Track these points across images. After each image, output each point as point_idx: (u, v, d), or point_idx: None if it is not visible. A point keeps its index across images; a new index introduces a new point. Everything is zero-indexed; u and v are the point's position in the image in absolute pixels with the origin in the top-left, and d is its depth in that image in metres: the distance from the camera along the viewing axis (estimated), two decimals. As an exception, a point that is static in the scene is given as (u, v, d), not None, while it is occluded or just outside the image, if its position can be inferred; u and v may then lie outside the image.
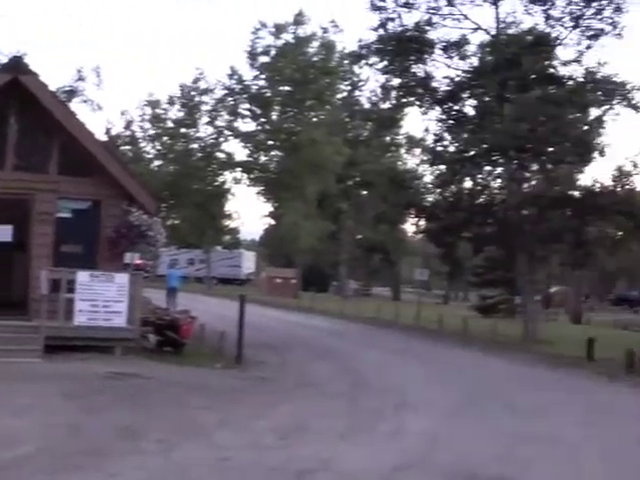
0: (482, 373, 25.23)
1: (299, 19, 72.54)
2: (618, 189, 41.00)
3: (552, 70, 38.05)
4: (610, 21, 36.43)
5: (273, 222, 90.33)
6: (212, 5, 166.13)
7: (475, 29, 39.11)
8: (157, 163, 75.08)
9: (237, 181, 75.09)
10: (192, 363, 21.39)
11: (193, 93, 73.26)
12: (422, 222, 55.12)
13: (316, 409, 16.15)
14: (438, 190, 46.00)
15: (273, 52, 72.40)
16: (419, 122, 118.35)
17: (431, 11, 38.93)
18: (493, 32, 38.81)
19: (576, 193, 39.82)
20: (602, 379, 24.82)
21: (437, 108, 40.44)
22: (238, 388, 18.36)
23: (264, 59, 72.81)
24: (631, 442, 14.77)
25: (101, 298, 20.75)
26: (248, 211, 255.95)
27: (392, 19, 38.92)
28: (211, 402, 15.75)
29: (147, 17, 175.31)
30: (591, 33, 36.69)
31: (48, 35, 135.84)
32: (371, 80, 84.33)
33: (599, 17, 36.66)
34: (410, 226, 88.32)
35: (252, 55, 72.81)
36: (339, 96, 78.88)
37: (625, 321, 55.60)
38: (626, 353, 26.67)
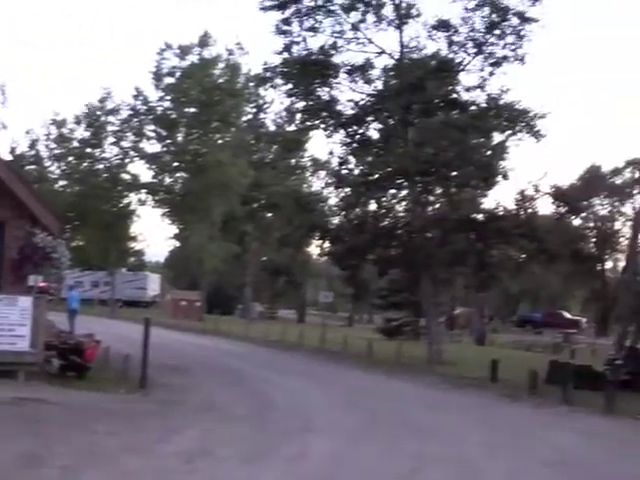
0: (386, 395, 25.43)
1: (204, 40, 72.53)
2: (521, 213, 41.76)
3: (456, 95, 38.71)
4: (512, 48, 37.23)
5: (178, 244, 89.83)
6: (120, 24, 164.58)
7: (379, 53, 39.58)
8: (62, 183, 74.22)
9: (142, 203, 74.74)
10: (96, 387, 21.13)
11: (99, 113, 72.66)
12: (327, 244, 55.35)
13: (221, 433, 16.12)
14: (343, 213, 46.24)
15: (178, 73, 72.24)
16: (324, 145, 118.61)
17: (336, 35, 39.34)
18: (397, 56, 39.28)
19: (480, 216, 40.42)
20: (505, 400, 25.19)
21: (342, 131, 40.65)
22: (143, 412, 18.21)
23: (169, 80, 72.64)
24: (535, 462, 15.05)
25: (4, 322, 20.38)
26: (153, 233, 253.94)
27: (297, 42, 39.21)
28: (116, 427, 15.59)
29: (55, 33, 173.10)
30: (493, 60, 37.41)
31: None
32: (276, 103, 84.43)
33: (501, 44, 37.45)
34: (315, 248, 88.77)
35: (157, 76, 72.51)
36: (244, 118, 79.06)
37: (528, 342, 56.61)
38: (529, 374, 27.12)
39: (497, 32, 37.19)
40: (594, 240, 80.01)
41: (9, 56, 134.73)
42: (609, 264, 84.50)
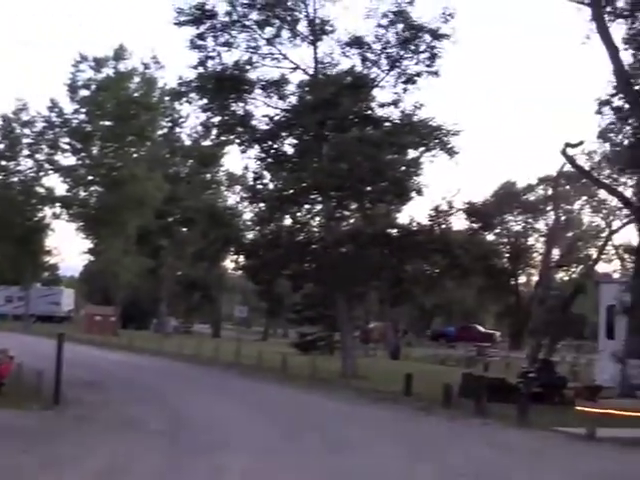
0: (301, 410, 25.54)
1: (120, 53, 71.95)
2: (435, 228, 42.22)
3: (370, 111, 39.00)
4: (426, 64, 37.69)
5: (93, 258, 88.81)
6: (35, 34, 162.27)
7: (294, 69, 39.68)
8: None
9: (56, 216, 73.80)
10: (9, 404, 20.87)
11: (14, 125, 71.65)
12: (241, 259, 55.36)
13: (137, 449, 16.08)
14: (257, 227, 46.30)
15: (94, 86, 71.52)
16: (239, 159, 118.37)
17: (250, 50, 39.36)
18: (312, 72, 39.43)
19: (394, 231, 40.75)
20: (420, 414, 25.44)
21: (256, 146, 40.58)
22: (57, 429, 18.07)
23: (85, 93, 71.89)
24: (450, 474, 15.33)
25: None
26: (68, 247, 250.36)
27: (212, 57, 39.11)
28: (31, 445, 15.45)
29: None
30: (407, 76, 37.82)
31: None
32: (192, 117, 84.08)
33: (415, 60, 37.90)
34: (230, 263, 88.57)
35: (72, 88, 71.70)
36: (160, 132, 78.47)
37: (442, 356, 57.15)
38: (443, 388, 27.41)
39: (411, 48, 37.60)
40: (507, 255, 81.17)
41: None
42: (522, 279, 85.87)
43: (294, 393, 30.60)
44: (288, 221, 43.71)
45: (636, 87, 33.99)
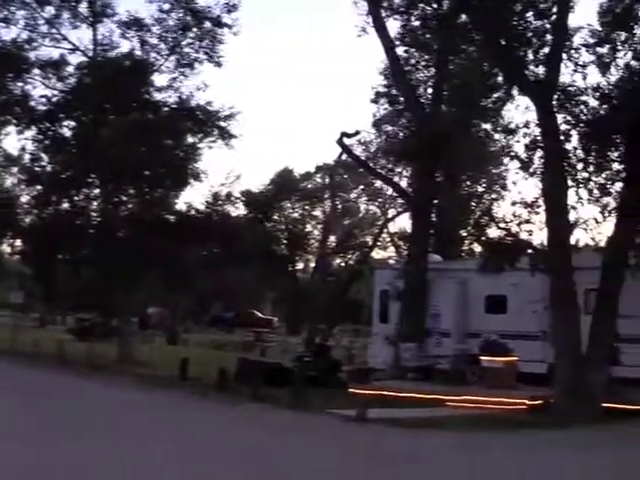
0: (77, 397, 24.91)
1: None
2: (212, 214, 42.12)
3: (148, 96, 38.49)
4: (206, 51, 37.55)
5: None
6: None
7: (73, 50, 38.78)
8: None
9: None
10: None
11: None
12: (18, 243, 53.58)
13: None
14: (35, 211, 44.78)
15: None
16: (17, 140, 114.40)
17: (29, 28, 38.09)
18: (91, 54, 38.60)
19: (172, 217, 40.40)
20: (195, 398, 25.32)
21: (34, 128, 39.37)
22: None
23: None
24: (221, 457, 15.26)
25: None
26: None
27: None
28: None
29: None
30: (187, 61, 37.60)
31: None
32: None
33: (195, 46, 37.71)
34: (6, 247, 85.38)
35: None
36: None
37: (221, 341, 57.11)
38: (218, 372, 27.36)
39: (191, 35, 37.42)
40: (286, 242, 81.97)
41: None
42: (300, 265, 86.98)
43: (69, 380, 29.87)
44: (67, 205, 42.52)
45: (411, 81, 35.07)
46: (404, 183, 44.70)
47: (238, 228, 44.22)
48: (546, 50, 23.95)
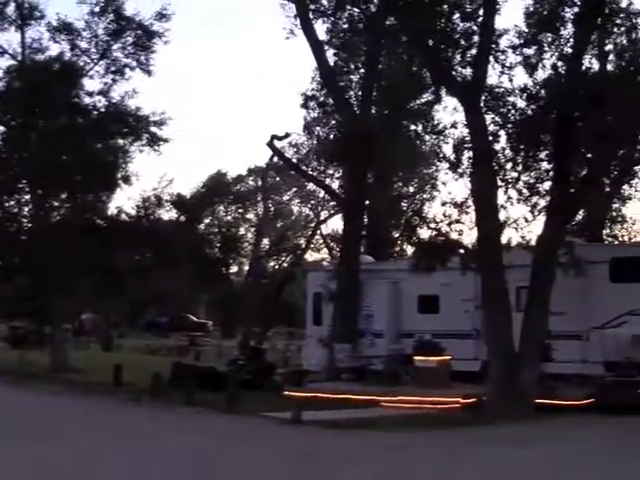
0: (4, 405, 24.37)
1: None
2: (143, 219, 41.74)
3: (78, 100, 37.97)
4: (136, 57, 37.22)
5: None
6: None
7: (1, 53, 38.11)
8: None
9: None
10: None
11: None
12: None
13: None
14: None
15: None
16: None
17: (-47, 31, 37.50)
18: (19, 58, 38.00)
19: (103, 222, 39.89)
20: (129, 404, 25.01)
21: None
22: None
23: None
24: (152, 461, 15.04)
25: None
26: None
27: None
28: None
29: None
30: (117, 67, 37.21)
31: None
32: None
33: (126, 52, 37.34)
34: None
35: None
36: None
37: (155, 346, 56.70)
38: (152, 377, 27.01)
39: (121, 40, 37.04)
40: (219, 245, 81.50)
41: None
42: (234, 268, 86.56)
43: (-1, 389, 29.29)
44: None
45: (340, 83, 35.06)
46: (336, 185, 44.64)
47: (169, 232, 43.83)
48: (473, 52, 24.04)
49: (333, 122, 39.16)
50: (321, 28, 32.56)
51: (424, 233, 27.67)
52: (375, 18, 26.34)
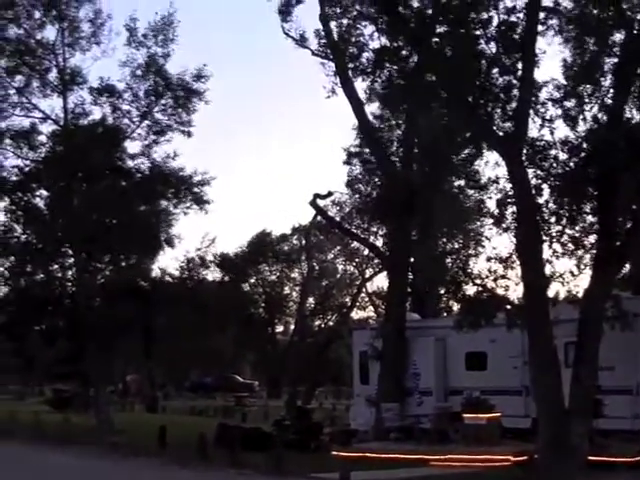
0: (47, 469, 24.48)
1: None
2: (187, 280, 42.06)
3: (121, 162, 38.56)
4: (177, 119, 37.82)
5: None
6: None
7: (44, 119, 38.89)
8: None
9: None
10: None
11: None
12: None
13: None
14: (9, 282, 44.52)
15: None
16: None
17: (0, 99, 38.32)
18: (62, 122, 38.69)
19: (146, 284, 40.26)
20: (175, 465, 25.02)
21: (6, 198, 39.34)
22: None
23: None
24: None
25: None
26: None
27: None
28: None
29: None
30: (158, 128, 37.79)
31: None
32: None
33: (167, 113, 37.95)
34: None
35: None
36: None
37: (201, 407, 56.70)
38: (198, 438, 27.00)
39: (162, 101, 37.67)
40: (264, 305, 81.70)
41: None
42: (279, 327, 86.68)
43: (42, 453, 29.40)
44: (41, 275, 42.27)
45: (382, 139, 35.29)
46: (380, 242, 44.72)
47: (214, 292, 44.09)
48: (513, 105, 24.11)
49: (376, 179, 39.40)
50: (361, 86, 32.91)
51: (469, 289, 27.57)
52: (414, 76, 26.55)
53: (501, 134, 24.27)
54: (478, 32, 23.67)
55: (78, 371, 52.70)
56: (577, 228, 24.50)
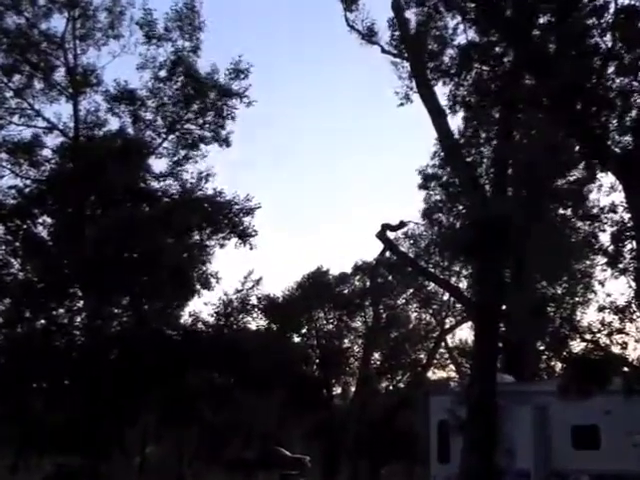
0: None
1: None
2: (224, 329, 41.95)
3: (144, 184, 38.65)
4: (212, 128, 37.77)
5: None
6: None
7: (49, 129, 39.08)
8: None
9: None
10: None
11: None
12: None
13: None
14: (3, 330, 44.92)
15: None
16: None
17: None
18: (72, 134, 38.86)
19: (174, 333, 40.27)
20: None
21: (1, 226, 39.59)
22: None
23: None
24: None
25: None
26: None
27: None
28: None
29: None
30: (189, 141, 37.74)
31: None
32: None
33: (199, 122, 37.92)
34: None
35: None
36: None
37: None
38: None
39: (193, 107, 37.62)
40: (318, 361, 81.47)
41: None
42: (337, 390, 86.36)
43: None
44: (43, 321, 42.54)
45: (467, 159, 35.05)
46: (464, 285, 44.49)
47: (257, 345, 43.99)
48: (633, 114, 23.90)
49: (459, 206, 39.19)
50: (442, 91, 32.75)
51: (577, 346, 27.30)
52: (509, 78, 26.42)
53: (618, 151, 24.07)
54: (590, 22, 23.55)
55: (86, 440, 52.87)
56: None
